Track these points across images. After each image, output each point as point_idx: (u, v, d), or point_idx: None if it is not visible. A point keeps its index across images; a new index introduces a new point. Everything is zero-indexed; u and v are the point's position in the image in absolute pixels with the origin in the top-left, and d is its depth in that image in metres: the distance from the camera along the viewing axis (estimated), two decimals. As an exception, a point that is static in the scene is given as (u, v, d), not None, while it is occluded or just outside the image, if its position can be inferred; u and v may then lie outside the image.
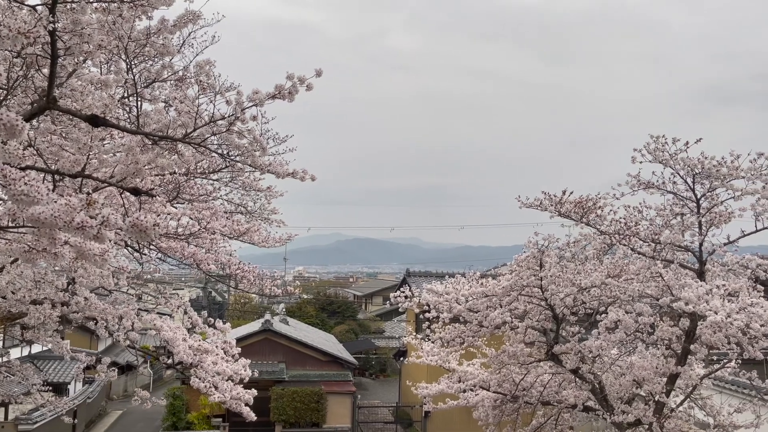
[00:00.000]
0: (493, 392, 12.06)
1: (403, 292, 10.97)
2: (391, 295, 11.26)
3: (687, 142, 8.70)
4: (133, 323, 7.24)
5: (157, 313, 7.78)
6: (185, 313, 7.90)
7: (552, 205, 9.32)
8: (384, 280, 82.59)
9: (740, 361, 9.22)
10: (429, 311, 10.32)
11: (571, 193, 9.23)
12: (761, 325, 6.76)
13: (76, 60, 4.28)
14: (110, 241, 3.14)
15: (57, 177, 4.55)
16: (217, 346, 7.11)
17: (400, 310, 11.45)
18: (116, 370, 8.40)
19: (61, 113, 4.44)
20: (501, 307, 9.87)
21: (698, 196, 9.01)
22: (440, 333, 10.90)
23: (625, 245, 9.30)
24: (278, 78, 4.34)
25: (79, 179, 4.58)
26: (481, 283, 10.33)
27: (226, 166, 6.63)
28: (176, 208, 6.23)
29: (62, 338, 8.29)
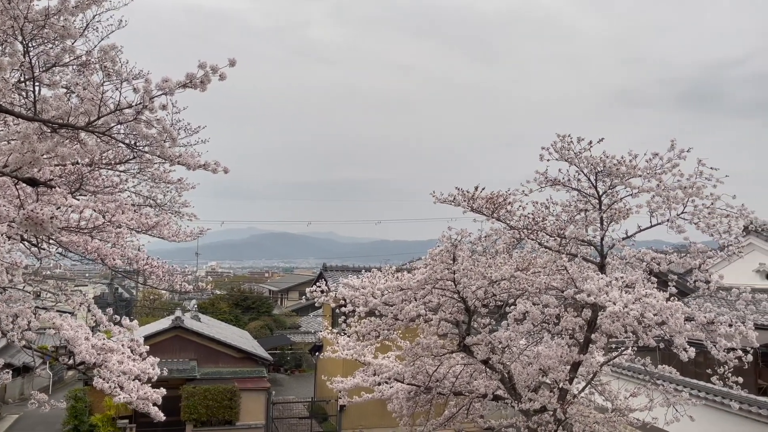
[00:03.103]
0: (407, 384, 12.25)
1: (320, 286, 10.93)
2: (307, 290, 11.16)
3: (591, 142, 9.16)
4: (29, 322, 6.79)
5: (57, 311, 7.34)
6: (88, 310, 7.51)
7: (465, 201, 9.55)
8: (300, 275, 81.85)
9: (636, 349, 9.86)
10: (345, 305, 10.33)
11: (483, 189, 9.51)
12: (654, 315, 7.23)
13: (-36, 39, 3.97)
14: (2, 234, 2.93)
15: (-58, 165, 4.21)
16: (123, 345, 6.79)
17: (316, 305, 11.41)
18: (11, 372, 7.87)
19: (-54, 96, 4.10)
20: (416, 300, 10.02)
21: (600, 193, 9.50)
22: (356, 327, 10.94)
23: (533, 240, 9.69)
24: (195, 67, 4.21)
25: (-32, 168, 4.25)
26: (397, 277, 10.45)
27: (134, 157, 6.36)
28: (78, 200, 5.90)
29: (-51, 340, 7.68)
